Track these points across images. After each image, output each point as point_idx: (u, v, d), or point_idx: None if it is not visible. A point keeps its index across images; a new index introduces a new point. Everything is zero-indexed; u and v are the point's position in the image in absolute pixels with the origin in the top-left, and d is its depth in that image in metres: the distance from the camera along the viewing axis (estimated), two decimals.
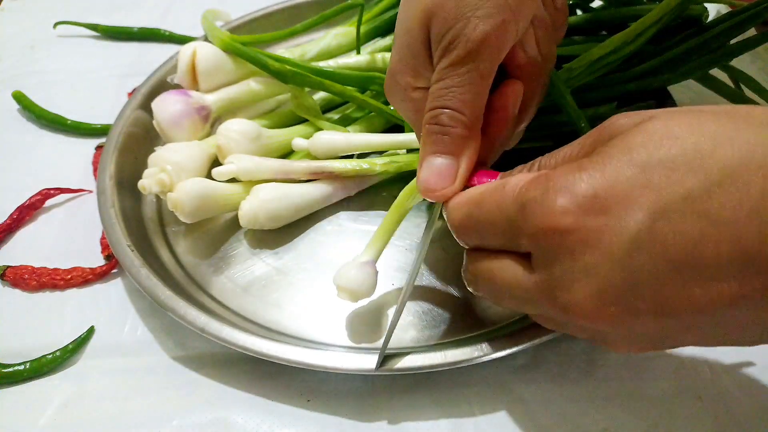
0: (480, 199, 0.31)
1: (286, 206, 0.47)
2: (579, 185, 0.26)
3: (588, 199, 0.26)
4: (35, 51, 0.71)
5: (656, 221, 0.25)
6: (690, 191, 0.24)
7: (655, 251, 0.25)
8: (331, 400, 0.39)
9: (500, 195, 0.29)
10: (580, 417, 0.37)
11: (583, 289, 0.26)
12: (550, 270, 0.27)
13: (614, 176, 0.26)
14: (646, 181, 0.25)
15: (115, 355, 0.42)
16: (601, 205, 0.26)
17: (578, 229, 0.26)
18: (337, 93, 0.50)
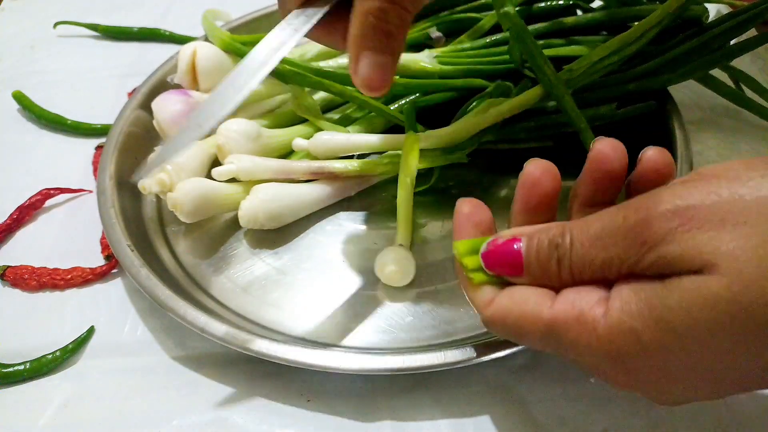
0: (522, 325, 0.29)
1: (286, 206, 0.47)
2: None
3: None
4: (35, 51, 0.71)
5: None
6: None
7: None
8: (331, 400, 0.39)
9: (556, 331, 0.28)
10: (580, 417, 0.37)
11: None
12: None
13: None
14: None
15: (115, 355, 0.42)
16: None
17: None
18: (337, 93, 0.50)
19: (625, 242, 0.26)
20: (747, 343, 0.24)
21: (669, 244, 0.24)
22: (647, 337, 0.25)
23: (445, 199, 0.50)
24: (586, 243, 0.27)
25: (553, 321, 0.28)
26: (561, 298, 0.28)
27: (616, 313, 0.26)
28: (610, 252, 0.26)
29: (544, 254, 0.28)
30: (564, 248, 0.28)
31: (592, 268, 0.27)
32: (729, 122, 0.56)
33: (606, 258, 0.26)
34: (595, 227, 0.27)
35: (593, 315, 0.26)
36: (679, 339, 0.25)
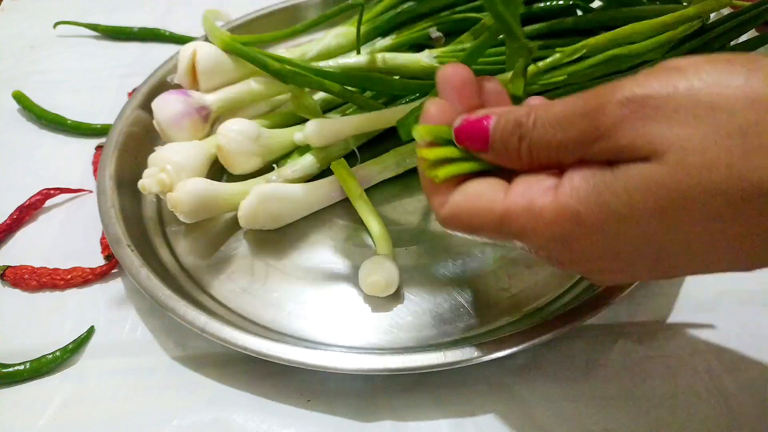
0: (475, 216, 0.30)
1: (286, 206, 0.47)
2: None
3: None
4: (35, 51, 0.71)
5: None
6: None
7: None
8: (331, 400, 0.39)
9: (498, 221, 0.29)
10: (580, 417, 0.37)
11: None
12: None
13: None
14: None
15: (115, 355, 0.42)
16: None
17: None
18: (337, 93, 0.50)
19: (582, 126, 0.26)
20: (683, 229, 0.25)
21: (620, 131, 0.25)
22: (590, 220, 0.26)
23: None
24: (546, 123, 0.28)
25: (505, 213, 0.29)
26: (512, 190, 0.29)
27: (563, 198, 0.27)
28: (567, 134, 0.27)
29: (508, 131, 0.29)
30: (527, 127, 0.28)
31: (549, 150, 0.28)
32: None
33: (563, 140, 0.27)
34: (557, 109, 0.28)
35: (541, 203, 0.28)
36: (619, 222, 0.26)
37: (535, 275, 0.44)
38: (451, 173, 0.31)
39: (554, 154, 0.28)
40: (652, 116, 0.25)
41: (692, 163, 0.24)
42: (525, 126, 0.29)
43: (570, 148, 0.27)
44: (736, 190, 0.24)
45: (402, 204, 0.50)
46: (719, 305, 0.43)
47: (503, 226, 0.29)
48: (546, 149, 0.28)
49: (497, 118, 0.30)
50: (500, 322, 0.42)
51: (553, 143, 0.28)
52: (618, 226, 0.26)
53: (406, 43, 0.56)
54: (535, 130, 0.28)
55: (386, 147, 0.51)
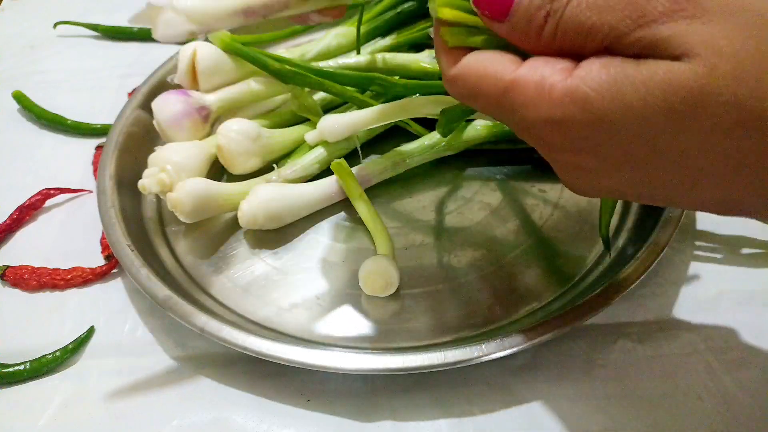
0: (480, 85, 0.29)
1: (286, 206, 0.47)
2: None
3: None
4: (35, 51, 0.71)
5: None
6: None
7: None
8: (331, 400, 0.39)
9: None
10: (580, 417, 0.37)
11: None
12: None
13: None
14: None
15: (115, 355, 0.42)
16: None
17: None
18: (337, 93, 0.50)
19: (623, 12, 0.25)
20: (687, 138, 0.24)
21: (663, 25, 0.24)
22: (597, 106, 0.25)
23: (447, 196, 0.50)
24: (583, 3, 0.26)
25: (513, 82, 0.27)
26: (526, 64, 0.28)
27: (575, 80, 0.26)
28: (603, 18, 0.25)
29: (536, 4, 0.27)
30: (560, 2, 0.26)
31: (577, 33, 0.26)
32: None
33: (597, 23, 0.25)
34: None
35: (552, 80, 0.26)
36: (626, 114, 0.25)
37: (536, 275, 0.45)
38: (461, 43, 0.29)
39: (582, 39, 0.26)
40: (698, 16, 0.24)
41: (722, 71, 0.23)
42: (558, 1, 0.26)
43: (602, 33, 0.25)
44: (758, 109, 0.23)
45: (402, 204, 0.50)
46: (719, 305, 0.43)
47: (507, 95, 0.28)
48: (574, 32, 0.26)
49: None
50: (500, 322, 0.42)
51: (585, 26, 0.25)
52: (623, 119, 0.25)
53: (406, 43, 0.56)
54: (569, 7, 0.26)
55: (386, 147, 0.51)
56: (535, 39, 0.27)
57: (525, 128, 0.29)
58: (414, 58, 0.52)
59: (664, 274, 0.44)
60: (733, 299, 0.43)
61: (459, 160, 0.51)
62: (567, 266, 0.45)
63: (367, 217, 0.46)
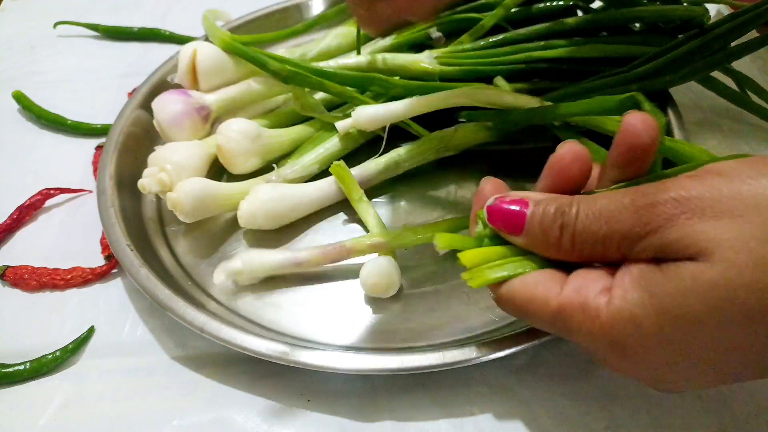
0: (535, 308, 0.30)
1: (285, 206, 0.46)
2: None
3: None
4: (35, 51, 0.71)
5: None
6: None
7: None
8: (331, 400, 0.39)
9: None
10: (580, 416, 0.37)
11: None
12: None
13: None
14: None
15: (115, 355, 0.42)
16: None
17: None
18: (337, 94, 0.50)
19: (630, 220, 0.27)
20: (740, 329, 0.25)
21: (669, 229, 0.26)
22: (647, 323, 0.26)
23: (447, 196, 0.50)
24: (591, 215, 0.28)
25: (560, 308, 0.29)
26: (568, 285, 0.29)
27: (617, 301, 0.27)
28: (613, 227, 0.27)
29: (549, 218, 0.29)
30: (569, 217, 0.29)
31: (594, 242, 0.28)
32: (729, 123, 0.56)
33: (608, 233, 0.27)
34: (602, 203, 0.28)
35: (597, 304, 0.28)
36: (676, 325, 0.26)
37: None
38: (485, 283, 0.31)
39: (599, 247, 0.28)
40: (700, 216, 0.25)
41: (741, 262, 0.25)
42: (568, 215, 0.29)
43: (616, 241, 0.27)
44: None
45: (402, 204, 0.50)
46: None
47: (557, 321, 0.29)
48: (591, 242, 0.28)
49: (535, 204, 0.30)
50: (500, 322, 0.42)
51: (598, 236, 0.28)
52: (674, 328, 0.26)
53: (406, 44, 0.56)
54: (579, 221, 0.28)
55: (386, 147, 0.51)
56: (556, 249, 0.30)
57: (584, 346, 0.30)
58: (414, 59, 0.52)
59: None
60: None
61: (459, 160, 0.51)
62: None
63: (367, 218, 0.46)
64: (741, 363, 0.27)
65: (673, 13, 0.52)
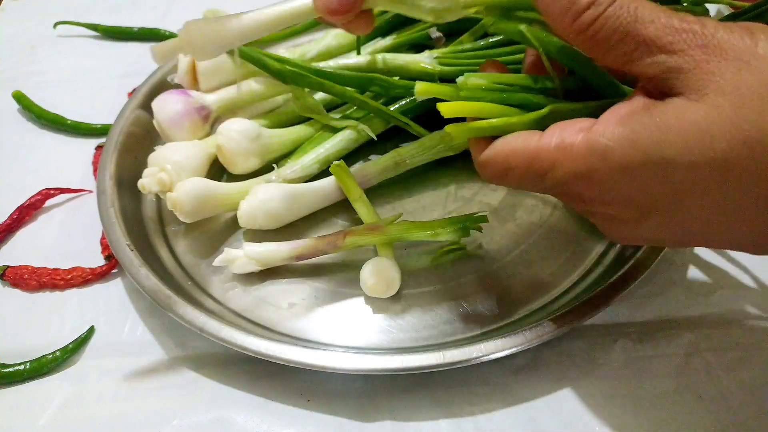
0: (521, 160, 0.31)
1: (285, 206, 0.46)
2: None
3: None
4: (35, 51, 0.71)
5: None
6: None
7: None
8: (331, 400, 0.39)
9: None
10: (580, 416, 0.37)
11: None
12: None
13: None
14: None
15: (115, 355, 0.42)
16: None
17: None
18: (336, 94, 0.50)
19: (657, 32, 0.27)
20: (710, 177, 0.26)
21: (683, 56, 0.26)
22: (617, 154, 0.27)
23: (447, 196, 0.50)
24: (625, 8, 0.27)
25: (537, 150, 0.30)
26: (547, 132, 0.30)
27: (593, 135, 0.28)
28: (639, 30, 0.27)
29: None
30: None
31: (613, 29, 0.27)
32: None
33: (632, 31, 0.27)
34: (639, 4, 0.27)
35: (572, 140, 0.29)
36: (645, 159, 0.27)
37: (535, 275, 0.44)
38: (466, 135, 0.32)
39: (615, 39, 0.28)
40: (712, 55, 0.26)
41: (725, 107, 0.25)
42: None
43: (634, 42, 0.27)
44: (760, 138, 0.25)
45: (402, 204, 0.50)
46: (719, 305, 0.43)
47: (534, 163, 0.30)
48: (610, 30, 0.28)
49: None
50: (500, 322, 0.42)
51: (621, 29, 0.27)
52: (643, 164, 0.27)
53: (406, 44, 0.56)
54: (612, 7, 0.27)
55: (386, 147, 0.51)
56: (570, 21, 0.28)
57: (556, 188, 0.31)
58: (414, 59, 0.52)
59: (664, 274, 0.44)
60: (732, 299, 0.43)
61: (459, 160, 0.51)
62: (566, 266, 0.45)
63: (367, 218, 0.46)
64: (707, 220, 0.28)
65: None
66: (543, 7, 0.29)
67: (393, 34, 0.57)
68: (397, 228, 0.44)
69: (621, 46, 0.28)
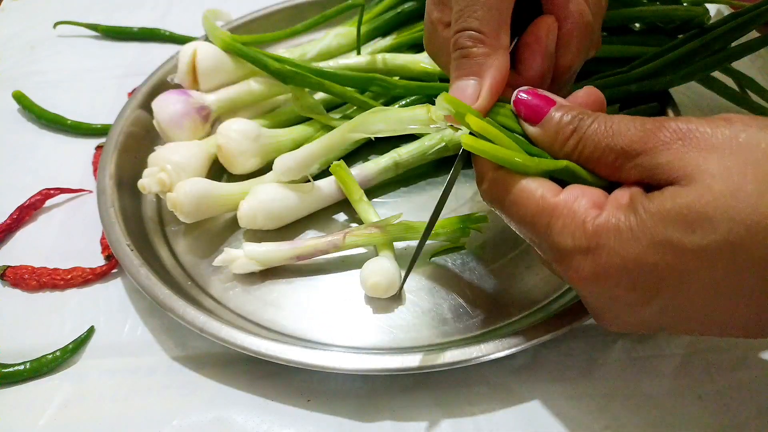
0: (548, 212, 0.31)
1: (285, 207, 0.46)
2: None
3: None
4: (35, 51, 0.71)
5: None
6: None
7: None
8: (331, 400, 0.39)
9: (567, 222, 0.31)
10: (580, 416, 0.37)
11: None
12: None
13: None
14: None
15: (115, 355, 0.42)
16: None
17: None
18: (336, 94, 0.50)
19: (632, 138, 0.30)
20: (709, 255, 0.27)
21: (663, 152, 0.29)
22: (625, 236, 0.29)
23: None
24: (603, 127, 0.31)
25: (552, 206, 0.31)
26: (566, 191, 0.31)
27: (605, 215, 0.30)
28: (616, 141, 0.30)
29: (568, 119, 0.32)
30: (584, 123, 0.31)
31: (593, 147, 0.31)
32: None
33: (610, 144, 0.30)
34: (617, 120, 0.31)
35: (587, 214, 0.30)
36: (652, 240, 0.28)
37: (535, 276, 0.44)
38: (475, 148, 0.32)
39: (597, 154, 0.31)
40: (694, 146, 0.28)
41: (718, 189, 0.26)
42: (583, 122, 0.31)
43: (614, 154, 0.30)
44: (755, 217, 0.26)
45: (402, 204, 0.50)
46: None
47: (542, 217, 0.31)
48: (591, 148, 0.31)
49: (561, 106, 0.33)
50: (500, 322, 0.42)
51: (600, 145, 0.31)
52: (650, 245, 0.28)
53: (406, 44, 0.56)
54: (590, 129, 0.31)
55: (386, 147, 0.51)
56: (560, 146, 0.32)
57: (555, 251, 0.31)
58: (414, 59, 0.52)
59: None
60: None
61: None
62: None
63: (367, 218, 0.46)
64: (710, 301, 0.28)
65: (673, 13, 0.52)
66: (535, 139, 0.33)
67: (393, 34, 0.57)
68: (397, 228, 0.44)
69: (604, 159, 0.31)
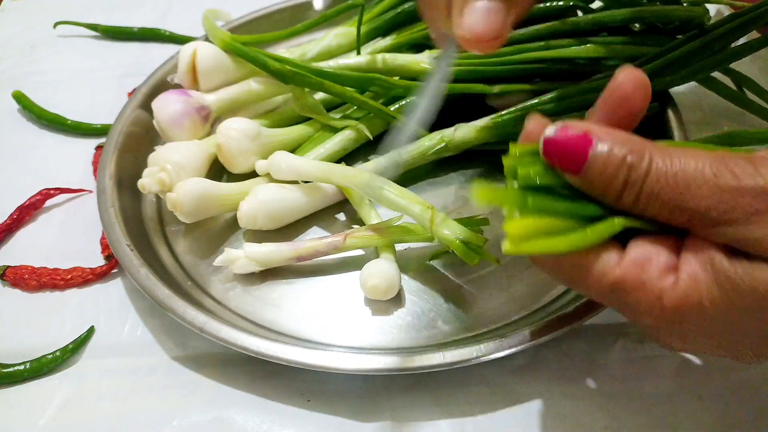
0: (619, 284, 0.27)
1: (285, 207, 0.46)
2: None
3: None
4: (35, 51, 0.71)
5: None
6: None
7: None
8: (331, 400, 0.39)
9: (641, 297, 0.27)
10: (581, 416, 0.37)
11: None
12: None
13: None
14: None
15: (115, 355, 0.42)
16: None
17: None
18: (336, 94, 0.50)
19: (709, 201, 0.24)
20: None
21: (752, 225, 0.24)
22: (713, 313, 0.25)
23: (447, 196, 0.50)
24: (663, 178, 0.25)
25: (619, 281, 0.26)
26: (628, 256, 0.27)
27: (684, 285, 0.25)
28: (688, 202, 0.25)
29: (613, 167, 0.26)
30: (638, 173, 0.25)
31: (660, 206, 0.26)
32: (729, 123, 0.56)
33: (680, 205, 0.25)
34: (678, 167, 0.25)
35: (661, 285, 0.26)
36: (741, 315, 0.25)
37: (535, 275, 0.44)
38: (536, 250, 0.27)
39: (665, 213, 0.26)
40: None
41: None
42: (636, 170, 0.25)
43: (687, 215, 0.25)
44: None
45: None
46: None
47: (614, 294, 0.27)
48: (657, 206, 0.26)
49: (601, 143, 0.26)
50: (500, 322, 0.42)
51: (668, 205, 0.25)
52: (740, 319, 0.26)
53: (406, 44, 0.56)
54: (649, 179, 0.25)
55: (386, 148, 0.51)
56: (614, 200, 0.26)
57: (638, 324, 0.30)
58: (414, 59, 0.52)
59: None
60: None
61: (459, 160, 0.51)
62: None
63: (367, 219, 0.46)
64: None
65: (673, 13, 0.52)
66: (582, 189, 0.27)
67: (393, 34, 0.57)
68: (397, 229, 0.44)
69: (674, 221, 0.26)
